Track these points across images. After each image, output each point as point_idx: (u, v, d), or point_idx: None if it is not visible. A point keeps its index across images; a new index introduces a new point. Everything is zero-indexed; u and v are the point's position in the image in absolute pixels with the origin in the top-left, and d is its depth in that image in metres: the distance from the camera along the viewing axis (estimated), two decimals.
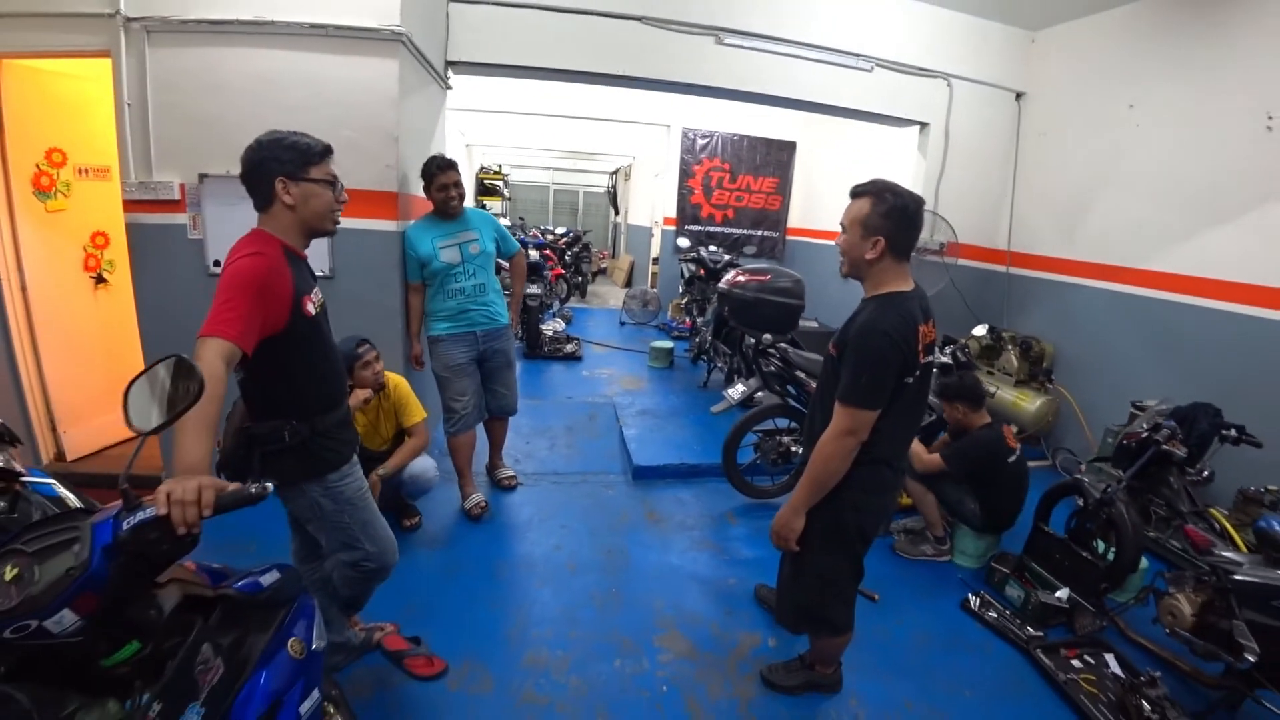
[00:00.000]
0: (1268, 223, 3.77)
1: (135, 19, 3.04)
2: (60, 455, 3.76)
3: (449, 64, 4.29)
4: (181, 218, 3.26)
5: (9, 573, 1.10)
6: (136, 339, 3.44)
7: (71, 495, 1.73)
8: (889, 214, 1.93)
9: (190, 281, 3.31)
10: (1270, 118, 3.72)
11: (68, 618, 1.07)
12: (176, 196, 3.22)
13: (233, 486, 1.30)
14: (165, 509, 1.19)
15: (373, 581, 2.16)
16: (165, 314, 3.32)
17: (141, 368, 3.47)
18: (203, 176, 3.20)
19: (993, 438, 3.31)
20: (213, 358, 1.50)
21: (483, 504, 3.63)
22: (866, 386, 1.90)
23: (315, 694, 1.48)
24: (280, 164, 1.74)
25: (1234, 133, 3.94)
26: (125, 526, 1.16)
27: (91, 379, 3.88)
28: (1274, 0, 3.72)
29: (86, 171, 3.75)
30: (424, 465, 3.34)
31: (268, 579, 1.49)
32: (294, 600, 1.54)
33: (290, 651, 1.43)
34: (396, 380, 3.22)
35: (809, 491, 2.02)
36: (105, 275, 3.92)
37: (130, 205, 3.23)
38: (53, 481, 1.82)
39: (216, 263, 3.27)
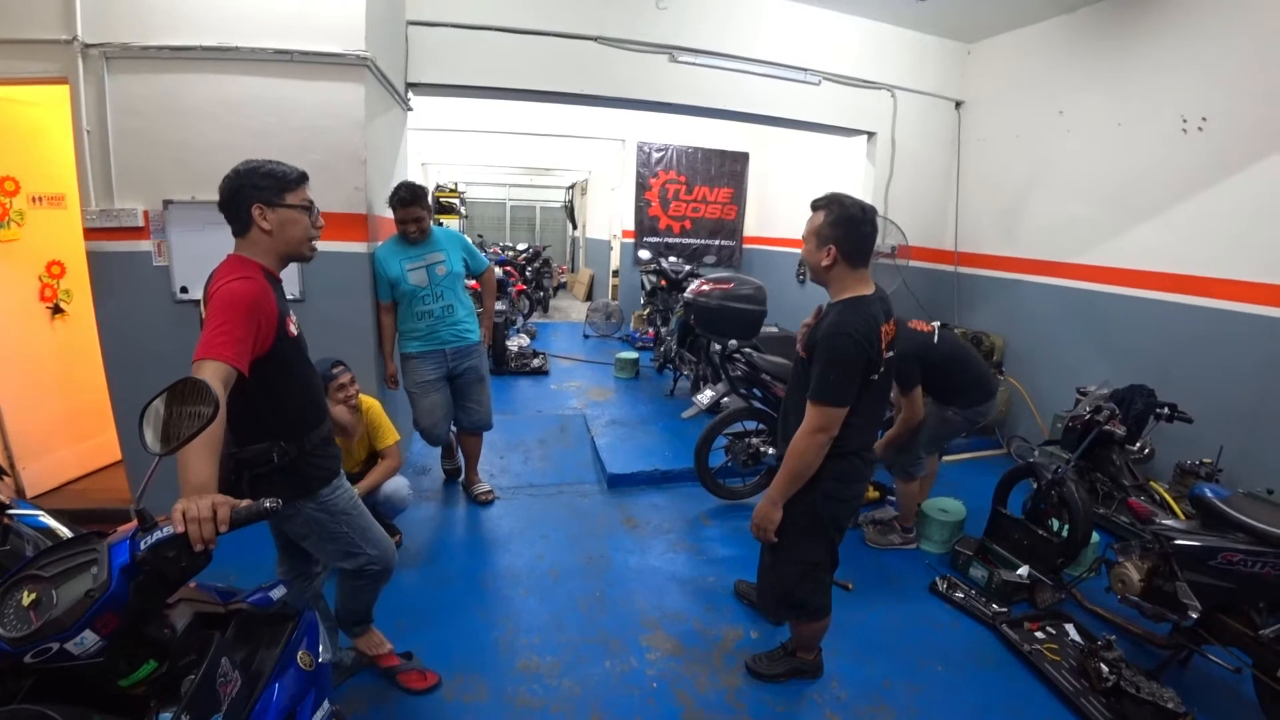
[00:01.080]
0: (1185, 217, 4.07)
1: (93, 45, 3.01)
2: (20, 492, 3.64)
3: (409, 85, 4.34)
4: (146, 244, 3.23)
5: (26, 598, 1.13)
6: (97, 370, 3.38)
7: (62, 526, 1.72)
8: (837, 223, 2.09)
9: (156, 309, 3.28)
10: (1185, 121, 4.03)
11: (89, 638, 1.09)
12: (140, 223, 3.19)
13: (245, 503, 1.34)
14: (182, 527, 1.23)
15: (378, 584, 2.22)
16: (130, 343, 3.28)
17: (103, 398, 3.40)
18: (167, 203, 3.18)
19: (905, 339, 3.32)
20: (212, 379, 1.52)
21: (490, 491, 3.94)
22: (835, 384, 2.04)
23: (326, 704, 1.52)
24: (257, 190, 1.78)
25: (1153, 135, 4.25)
26: (143, 546, 1.19)
27: (50, 412, 3.78)
28: (1185, 15, 4.04)
29: (41, 200, 3.66)
30: (397, 485, 3.35)
31: (276, 593, 1.53)
32: (300, 614, 1.58)
33: (300, 664, 1.47)
34: (370, 403, 3.24)
35: (786, 484, 2.14)
36: (62, 305, 3.83)
37: (91, 233, 3.19)
38: (40, 513, 1.81)
39: (184, 289, 3.25)
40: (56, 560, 1.20)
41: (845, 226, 2.08)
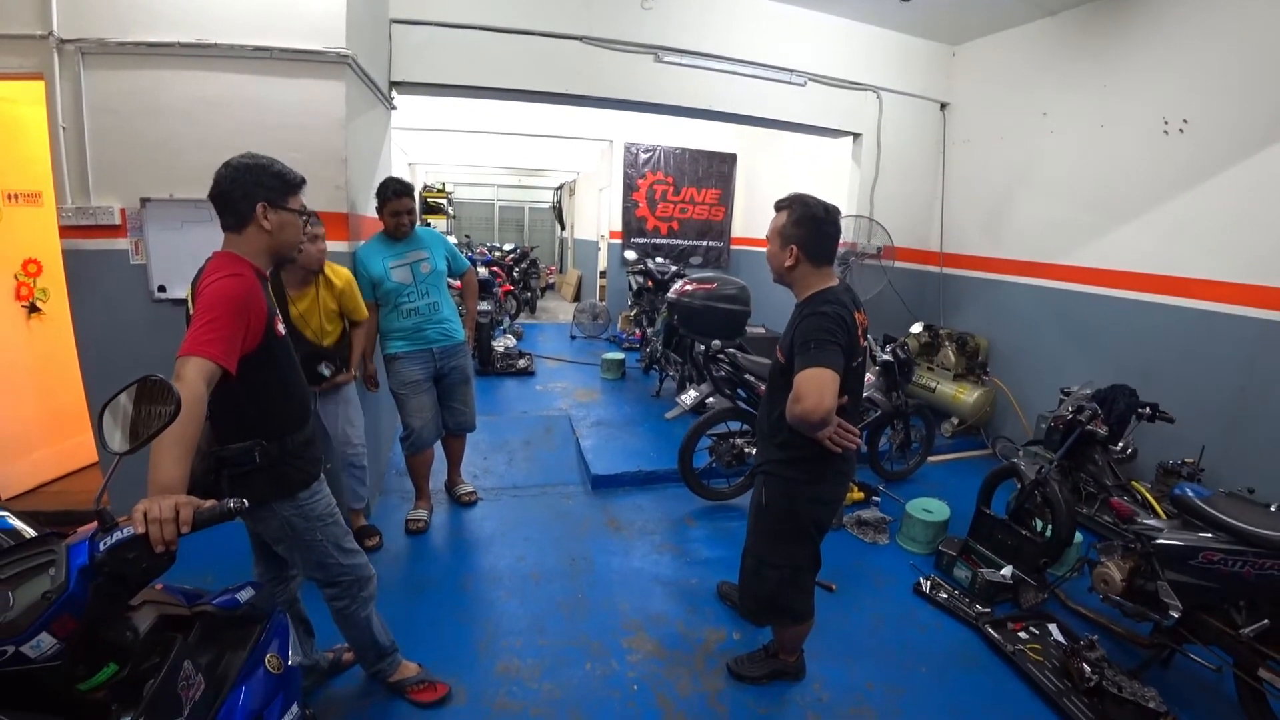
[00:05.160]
0: (1166, 218, 4.11)
1: (69, 40, 2.96)
2: None
3: (393, 84, 4.31)
4: (123, 243, 3.18)
5: None
6: (74, 369, 3.31)
7: (27, 527, 1.67)
8: (800, 222, 2.08)
9: (133, 309, 3.22)
10: (1166, 123, 4.06)
11: (46, 641, 1.07)
12: (117, 221, 3.14)
13: (209, 503, 1.31)
14: (143, 528, 1.20)
15: (361, 600, 2.17)
16: (107, 342, 3.22)
17: (81, 398, 3.35)
18: (145, 200, 3.12)
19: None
20: (194, 377, 1.50)
21: (422, 523, 3.64)
22: (818, 351, 1.92)
23: (295, 708, 1.49)
24: (264, 189, 1.77)
25: (1136, 136, 4.28)
26: (103, 547, 1.16)
27: (26, 412, 3.72)
28: (1167, 18, 4.07)
29: (17, 197, 3.61)
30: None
31: (244, 595, 1.50)
32: (269, 616, 1.55)
33: (268, 667, 1.44)
34: (348, 277, 3.13)
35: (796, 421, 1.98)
36: (39, 304, 3.77)
37: (67, 231, 3.13)
38: (6, 513, 1.76)
39: (161, 288, 3.20)
40: (13, 561, 1.17)
41: (808, 226, 2.07)
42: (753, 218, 8.96)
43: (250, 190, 1.75)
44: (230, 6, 3.07)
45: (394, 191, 3.31)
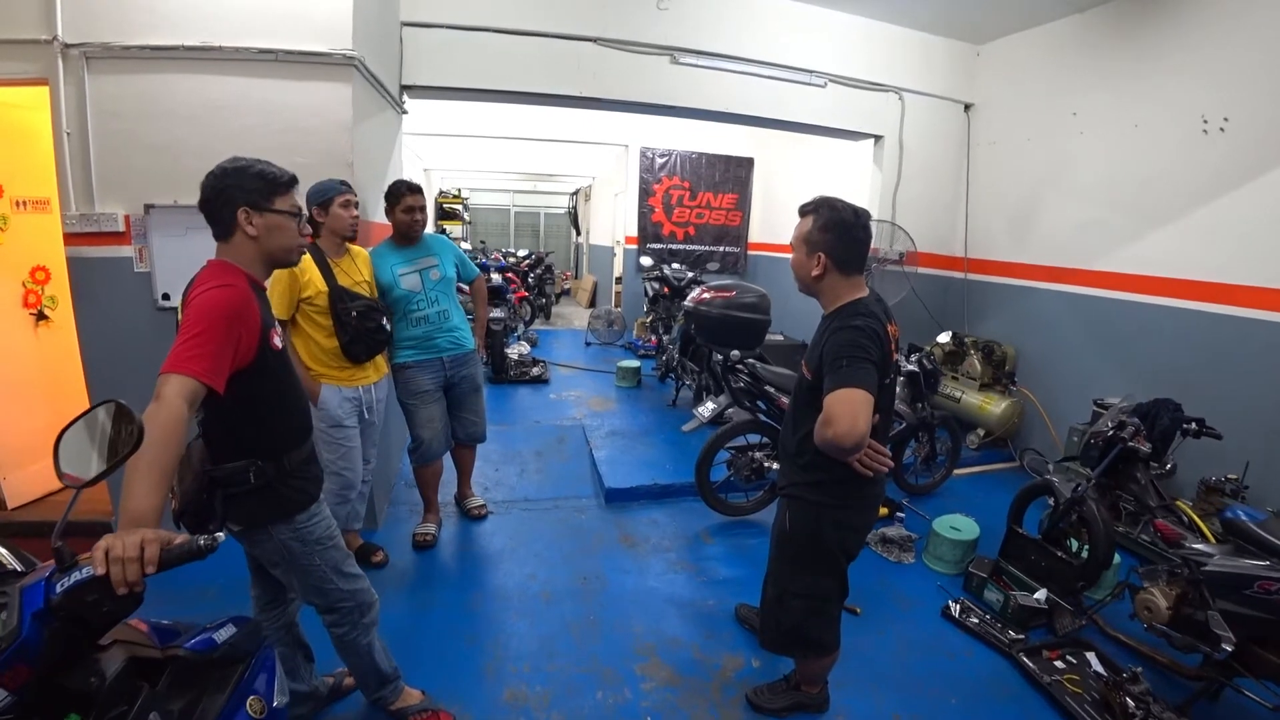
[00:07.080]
0: (1205, 220, 3.92)
1: (74, 45, 2.91)
2: (0, 503, 3.55)
3: (404, 88, 4.24)
4: (127, 250, 3.12)
5: None
6: (80, 378, 3.27)
7: (6, 552, 1.59)
8: (827, 227, 1.92)
9: (137, 317, 3.16)
10: (1205, 121, 3.87)
11: None
12: (121, 228, 3.08)
13: (180, 539, 1.19)
14: (103, 568, 1.09)
15: (362, 627, 2.07)
16: (111, 351, 3.17)
17: (87, 407, 3.28)
18: (149, 207, 3.06)
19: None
20: (174, 397, 1.39)
21: (430, 536, 3.54)
22: (849, 369, 1.78)
23: None
24: (244, 193, 1.66)
25: (1170, 136, 4.10)
26: (58, 590, 1.06)
27: (33, 421, 3.67)
28: (1204, 11, 3.90)
29: (25, 204, 3.57)
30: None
31: (222, 634, 1.39)
32: (253, 654, 1.44)
33: (250, 711, 1.33)
34: (366, 253, 3.12)
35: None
36: (47, 312, 3.73)
37: (71, 238, 3.08)
38: None
39: (165, 296, 3.14)
40: None
41: (837, 231, 1.92)
42: (770, 223, 8.83)
43: (231, 196, 1.65)
44: (235, 8, 3.01)
45: (407, 187, 3.23)
